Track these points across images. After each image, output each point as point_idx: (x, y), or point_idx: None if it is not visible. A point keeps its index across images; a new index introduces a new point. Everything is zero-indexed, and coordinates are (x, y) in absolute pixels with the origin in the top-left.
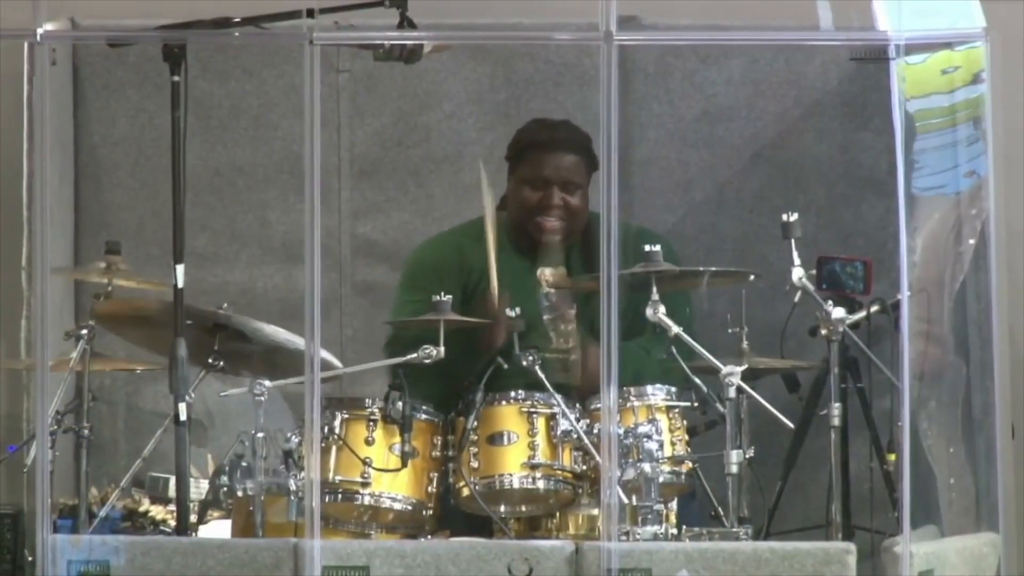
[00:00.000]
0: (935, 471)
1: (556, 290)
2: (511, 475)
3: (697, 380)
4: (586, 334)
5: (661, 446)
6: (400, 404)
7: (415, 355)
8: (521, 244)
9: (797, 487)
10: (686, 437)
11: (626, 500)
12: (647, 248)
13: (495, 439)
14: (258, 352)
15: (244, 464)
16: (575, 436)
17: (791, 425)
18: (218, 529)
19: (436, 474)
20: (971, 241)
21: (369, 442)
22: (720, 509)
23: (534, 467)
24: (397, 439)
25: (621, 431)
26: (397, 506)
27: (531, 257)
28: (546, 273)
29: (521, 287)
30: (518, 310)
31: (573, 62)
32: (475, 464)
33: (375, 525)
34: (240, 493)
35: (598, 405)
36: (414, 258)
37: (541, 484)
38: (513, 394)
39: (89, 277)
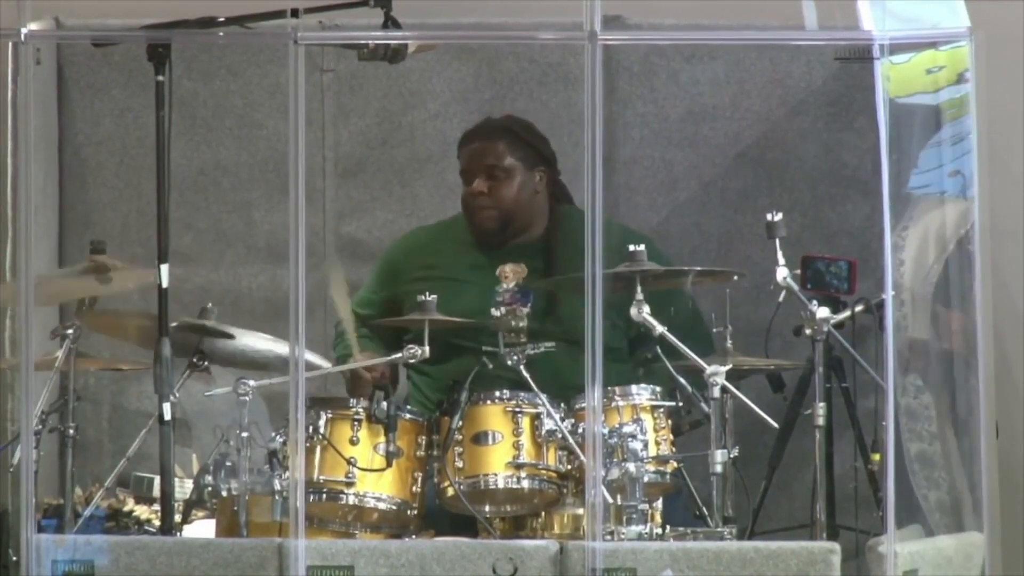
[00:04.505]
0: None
1: (513, 286)
2: (496, 475)
3: (682, 380)
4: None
5: (646, 446)
6: (385, 404)
7: (400, 355)
8: (480, 243)
9: (781, 487)
10: (671, 437)
11: (611, 500)
12: (631, 248)
13: (480, 439)
14: (244, 352)
15: (229, 464)
16: (560, 436)
17: (775, 425)
18: (202, 529)
19: (421, 474)
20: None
21: (354, 442)
22: (705, 509)
23: (519, 467)
24: (382, 439)
25: (606, 431)
26: (382, 506)
27: (494, 254)
28: (506, 269)
29: (479, 286)
30: (503, 310)
31: (558, 62)
32: (460, 464)
33: (360, 525)
34: (224, 493)
35: (583, 405)
36: (385, 252)
37: (526, 484)
38: (498, 394)
39: (74, 293)
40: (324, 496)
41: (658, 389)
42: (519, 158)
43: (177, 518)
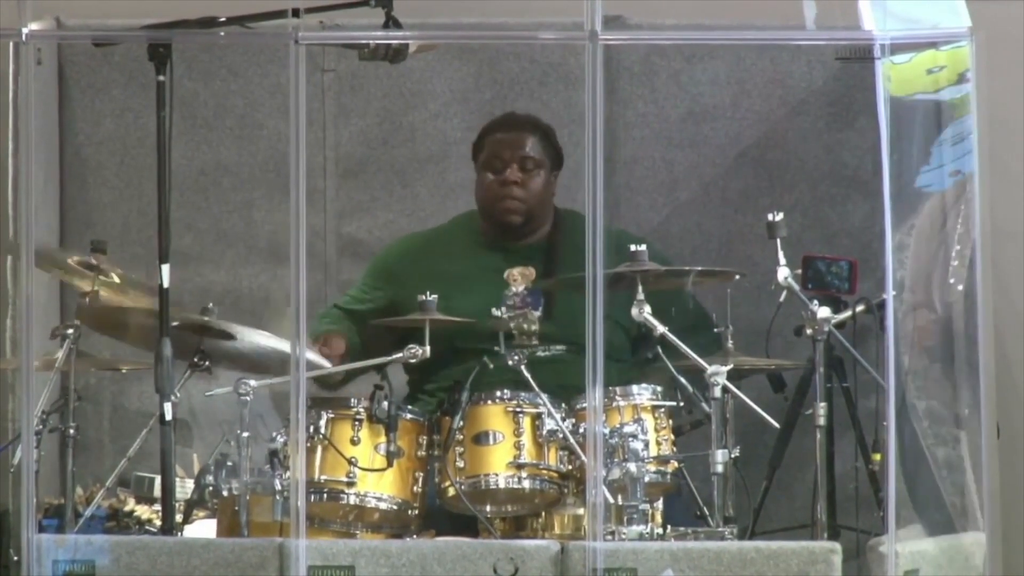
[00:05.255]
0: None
1: (523, 289)
2: (497, 475)
3: (683, 379)
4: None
5: (647, 446)
6: (385, 404)
7: (400, 355)
8: (493, 243)
9: (782, 487)
10: (672, 437)
11: (612, 500)
12: (632, 248)
13: (481, 439)
14: (244, 351)
15: (229, 464)
16: (561, 436)
17: (776, 425)
18: (203, 529)
19: (422, 474)
20: (958, 241)
21: (354, 442)
22: (706, 509)
23: (520, 467)
24: (382, 439)
25: (607, 431)
26: (383, 506)
27: (503, 256)
28: (514, 272)
29: (493, 286)
30: (503, 309)
31: (558, 62)
32: (461, 464)
33: (360, 525)
34: (225, 492)
35: (584, 405)
36: (383, 252)
37: (527, 484)
38: (499, 394)
39: (72, 279)
40: (325, 496)
41: (659, 389)
42: (547, 156)
43: (178, 518)
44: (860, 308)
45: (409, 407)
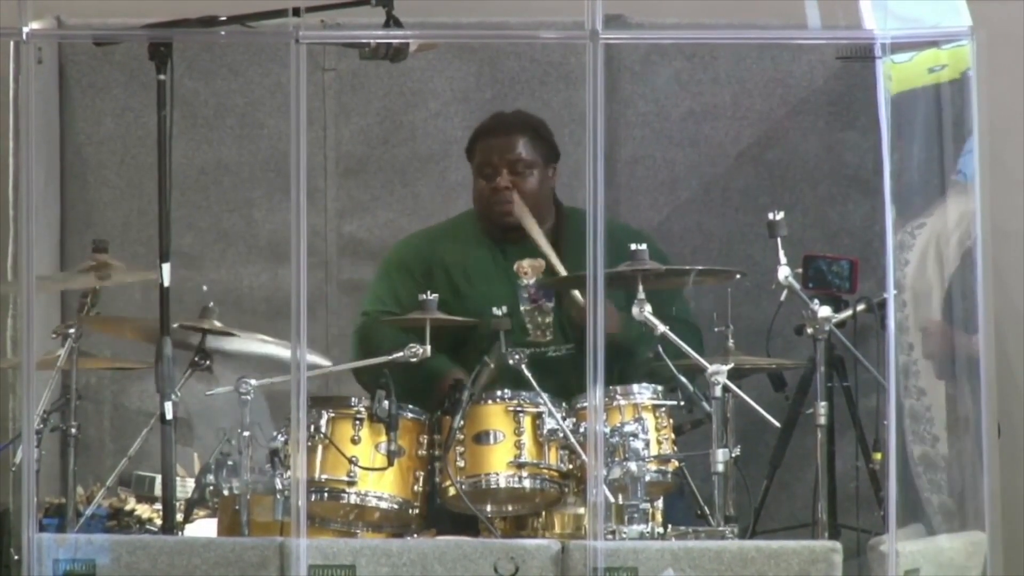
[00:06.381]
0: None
1: (534, 282)
2: (497, 474)
3: (683, 379)
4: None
5: (647, 445)
6: (386, 403)
7: (401, 354)
8: (494, 239)
9: (783, 486)
10: (672, 436)
11: (612, 499)
12: (633, 247)
13: (481, 438)
14: (244, 354)
15: (230, 463)
16: (561, 435)
17: (777, 424)
18: (204, 528)
19: (422, 473)
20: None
21: (355, 441)
22: (706, 508)
23: (520, 466)
24: (383, 438)
25: (607, 430)
26: (383, 505)
27: (504, 251)
28: (524, 264)
29: (499, 283)
30: (504, 308)
31: (559, 61)
32: (461, 463)
33: (361, 524)
34: (226, 492)
35: (584, 404)
36: (394, 251)
37: (527, 483)
38: (499, 393)
39: (75, 285)
40: (326, 495)
41: (659, 388)
42: (540, 154)
43: (179, 517)
44: (861, 307)
45: (410, 406)
